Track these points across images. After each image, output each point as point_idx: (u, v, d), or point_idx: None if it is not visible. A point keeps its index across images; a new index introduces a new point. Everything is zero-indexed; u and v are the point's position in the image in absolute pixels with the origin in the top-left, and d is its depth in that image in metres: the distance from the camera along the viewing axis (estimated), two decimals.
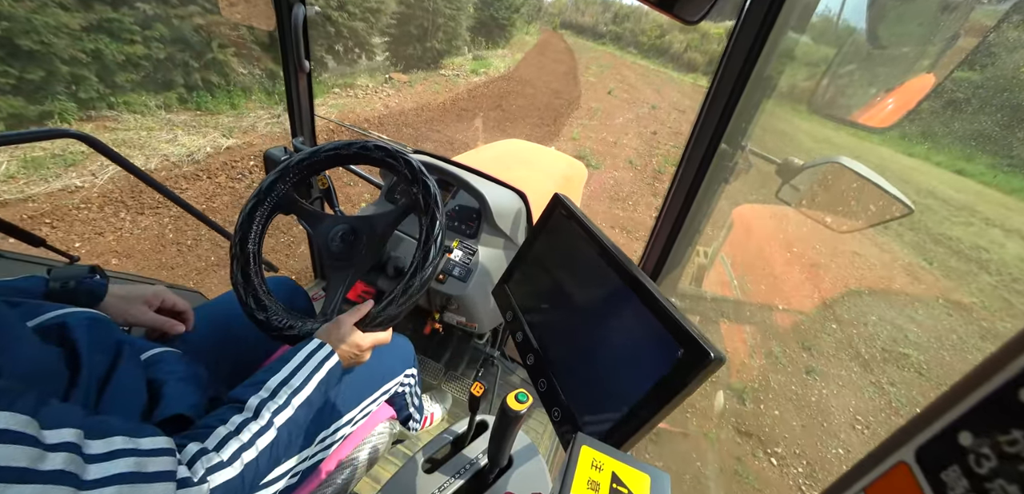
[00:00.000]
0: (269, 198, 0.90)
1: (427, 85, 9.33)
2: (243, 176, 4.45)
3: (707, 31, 19.24)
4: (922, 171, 9.16)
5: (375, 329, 0.78)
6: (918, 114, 8.48)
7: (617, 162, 7.10)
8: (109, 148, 1.25)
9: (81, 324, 0.58)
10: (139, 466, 0.43)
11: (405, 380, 1.06)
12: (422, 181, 0.84)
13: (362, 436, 0.97)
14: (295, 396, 0.63)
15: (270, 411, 0.59)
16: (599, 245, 0.67)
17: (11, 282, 0.66)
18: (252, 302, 0.81)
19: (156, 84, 5.43)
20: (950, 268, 5.13)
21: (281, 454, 0.61)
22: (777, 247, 4.67)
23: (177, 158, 4.51)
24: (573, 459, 0.43)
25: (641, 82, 15.25)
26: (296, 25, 1.34)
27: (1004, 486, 0.19)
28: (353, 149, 0.90)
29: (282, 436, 0.60)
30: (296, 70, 1.44)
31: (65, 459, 0.37)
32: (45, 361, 0.49)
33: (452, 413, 1.55)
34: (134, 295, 0.77)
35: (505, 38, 15.82)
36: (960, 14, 0.79)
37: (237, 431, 0.55)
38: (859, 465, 0.26)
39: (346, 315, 0.76)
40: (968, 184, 8.51)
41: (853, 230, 1.00)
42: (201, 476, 0.49)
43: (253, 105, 6.24)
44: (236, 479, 0.53)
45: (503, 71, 12.17)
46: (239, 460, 0.53)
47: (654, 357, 0.53)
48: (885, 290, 4.43)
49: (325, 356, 0.69)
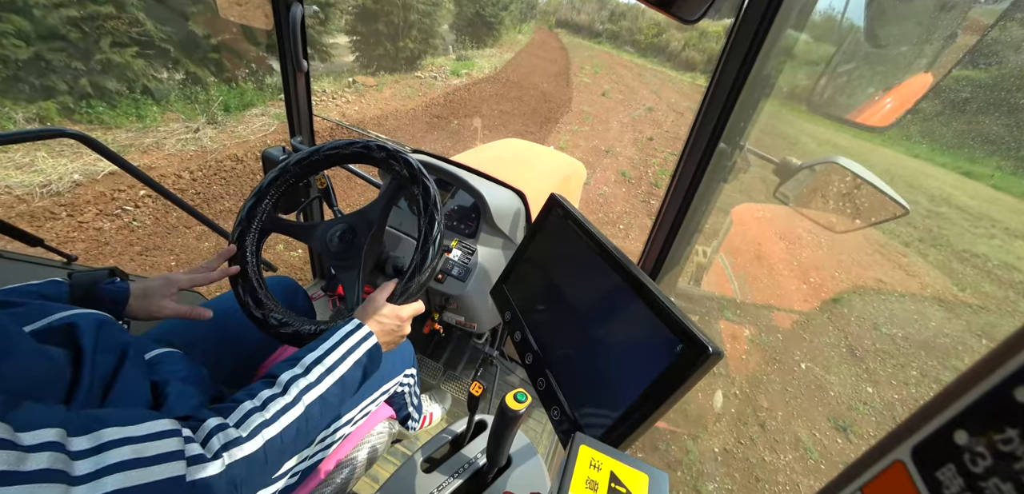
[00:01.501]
0: (268, 198, 0.90)
1: (397, 89, 8.44)
2: (122, 212, 3.34)
3: (705, 29, 18.79)
4: (929, 175, 8.82)
5: (405, 302, 0.78)
6: (920, 114, 8.42)
7: (608, 174, 6.32)
8: (107, 148, 1.24)
9: (89, 325, 0.58)
10: (138, 452, 0.41)
11: (404, 380, 1.06)
12: (402, 158, 0.85)
13: (361, 436, 0.97)
14: (329, 375, 0.62)
15: (299, 388, 0.58)
16: (597, 244, 0.67)
17: (35, 286, 0.66)
18: (251, 302, 0.81)
19: (25, 91, 4.30)
20: (986, 295, 4.55)
21: (309, 433, 0.59)
22: (790, 273, 4.33)
23: (23, 190, 3.27)
24: (572, 458, 0.44)
25: (637, 82, 14.67)
26: (294, 25, 1.34)
27: (999, 485, 0.19)
28: (352, 148, 0.90)
29: (313, 413, 0.58)
30: (294, 70, 1.44)
31: (49, 458, 0.36)
32: (44, 367, 0.49)
33: (451, 413, 1.55)
34: (152, 290, 0.77)
35: (493, 37, 14.94)
36: (958, 13, 0.79)
37: (262, 407, 0.54)
38: (856, 464, 0.26)
39: (377, 291, 0.76)
40: (979, 188, 8.21)
41: (850, 230, 1.01)
42: (216, 451, 0.48)
43: (171, 117, 5.18)
44: (257, 454, 0.51)
45: (488, 72, 11.21)
46: (259, 436, 0.52)
47: (652, 353, 0.53)
48: (922, 330, 3.77)
49: (363, 336, 0.68)
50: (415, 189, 0.84)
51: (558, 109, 9.32)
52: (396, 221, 1.42)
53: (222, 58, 6.07)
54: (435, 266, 0.80)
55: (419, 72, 9.83)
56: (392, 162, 0.87)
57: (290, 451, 0.56)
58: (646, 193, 5.88)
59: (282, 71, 1.46)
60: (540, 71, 12.83)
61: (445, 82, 9.62)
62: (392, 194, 0.90)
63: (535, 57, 14.95)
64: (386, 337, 0.73)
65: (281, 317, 0.80)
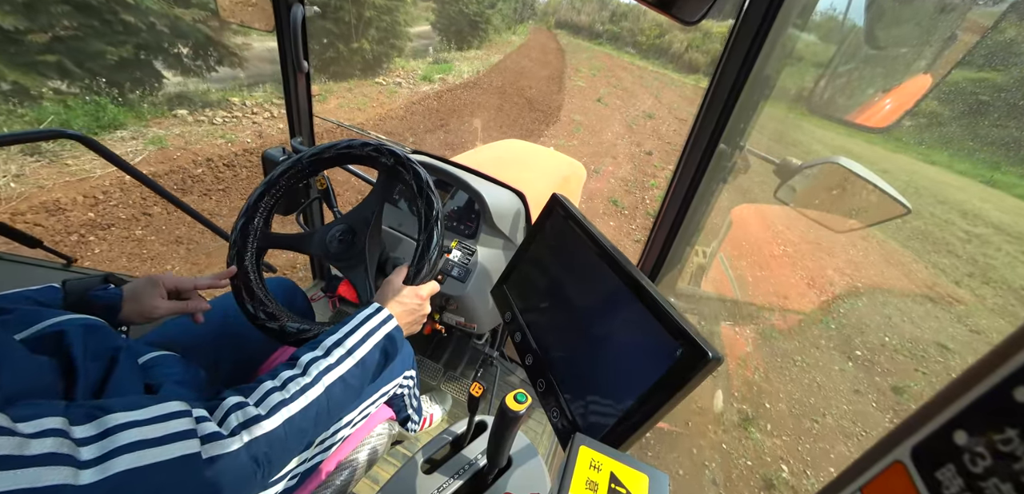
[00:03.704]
0: (267, 198, 0.90)
1: (348, 98, 7.23)
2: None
3: (709, 29, 18.10)
4: (953, 185, 8.18)
5: (422, 281, 0.79)
6: (936, 118, 7.94)
7: (597, 200, 5.15)
8: (106, 149, 1.24)
9: (77, 332, 0.58)
10: (146, 433, 0.41)
11: (404, 381, 1.05)
12: (385, 148, 0.87)
13: (361, 437, 0.97)
14: (349, 357, 0.62)
15: (319, 369, 0.58)
16: (597, 245, 0.67)
17: (29, 292, 0.66)
18: (251, 303, 0.81)
19: None
20: None
21: (330, 414, 0.59)
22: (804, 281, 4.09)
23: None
24: (572, 459, 0.44)
25: (637, 86, 13.74)
26: (294, 25, 1.34)
27: (999, 485, 0.19)
28: (333, 151, 0.91)
29: (334, 393, 0.59)
30: (294, 71, 1.44)
31: (53, 443, 0.36)
32: (35, 375, 0.48)
33: (451, 414, 1.55)
34: (139, 291, 0.76)
35: (479, 38, 13.74)
36: (957, 15, 0.79)
37: (282, 386, 0.54)
38: (855, 464, 0.26)
39: (393, 275, 0.77)
40: (1006, 200, 7.68)
41: (851, 230, 1.01)
42: (234, 428, 0.47)
43: None
44: (277, 431, 0.51)
45: (467, 77, 10.04)
46: (279, 414, 0.52)
47: (652, 357, 0.53)
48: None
49: (383, 319, 0.69)
50: (406, 175, 0.85)
51: (544, 119, 8.28)
52: (396, 221, 1.42)
53: (63, 60, 4.29)
54: (443, 243, 0.81)
55: (381, 78, 8.58)
56: (378, 156, 0.88)
57: (311, 432, 0.57)
58: (642, 227, 4.65)
59: (282, 71, 1.47)
60: (529, 75, 11.75)
61: (412, 89, 8.40)
62: (383, 186, 0.90)
63: (526, 60, 13.88)
64: (408, 318, 0.74)
65: (284, 320, 0.80)
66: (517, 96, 9.28)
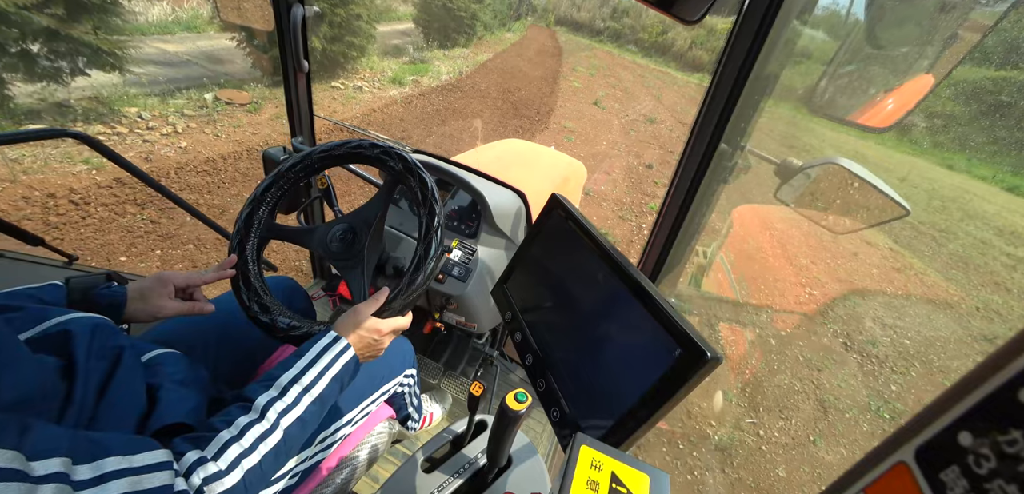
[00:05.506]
0: (267, 199, 0.90)
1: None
2: None
3: (714, 26, 16.93)
4: (976, 194, 7.59)
5: (391, 315, 0.77)
6: (954, 120, 7.41)
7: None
8: (108, 148, 1.24)
9: (83, 331, 0.58)
10: (134, 485, 0.43)
11: (404, 380, 1.06)
12: (394, 152, 0.86)
13: (361, 436, 0.97)
14: (306, 394, 0.62)
15: (277, 412, 0.58)
16: (597, 246, 0.67)
17: (33, 290, 0.66)
18: (251, 302, 0.81)
19: None
20: None
21: (288, 454, 0.60)
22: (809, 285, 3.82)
23: None
24: (573, 459, 0.43)
25: (638, 86, 13.01)
26: (294, 25, 1.34)
27: (1003, 486, 0.19)
28: (344, 149, 0.91)
29: (292, 434, 0.59)
30: (295, 71, 1.44)
31: (55, 489, 0.37)
32: (39, 379, 0.49)
33: (451, 413, 1.55)
34: (148, 290, 0.76)
35: (466, 36, 12.56)
36: (958, 14, 0.79)
37: (239, 435, 0.54)
38: (859, 465, 0.26)
39: (362, 304, 0.75)
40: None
41: (851, 231, 1.01)
42: (198, 488, 0.48)
43: None
44: (237, 487, 0.52)
45: (446, 78, 9.00)
46: (239, 467, 0.53)
47: (652, 357, 0.53)
48: None
49: (340, 350, 0.68)
50: (412, 182, 0.84)
51: (530, 126, 7.38)
52: (396, 221, 1.42)
53: None
54: (429, 275, 0.78)
55: (340, 80, 7.42)
56: (387, 159, 0.87)
57: (270, 473, 0.57)
58: (639, 259, 3.66)
59: (283, 71, 1.47)
60: (520, 75, 10.76)
61: (376, 93, 7.30)
62: (389, 190, 0.90)
63: (519, 58, 12.84)
64: (364, 351, 0.73)
65: (284, 319, 0.80)
66: (502, 100, 8.38)
